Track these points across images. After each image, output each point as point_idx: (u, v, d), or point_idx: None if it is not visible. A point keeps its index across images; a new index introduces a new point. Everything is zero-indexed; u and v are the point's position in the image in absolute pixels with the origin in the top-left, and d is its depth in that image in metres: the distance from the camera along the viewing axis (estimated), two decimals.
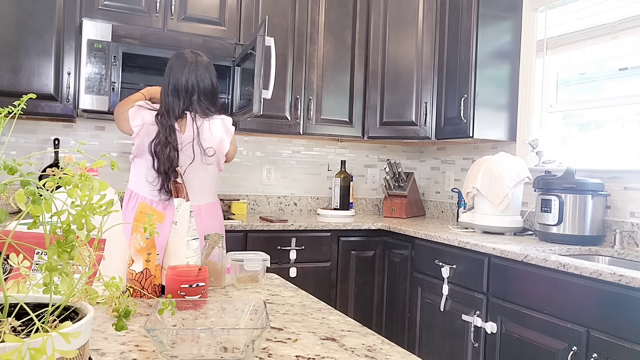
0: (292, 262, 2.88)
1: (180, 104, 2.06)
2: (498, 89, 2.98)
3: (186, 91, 2.06)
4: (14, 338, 0.48)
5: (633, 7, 2.46)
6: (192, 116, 2.06)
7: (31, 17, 2.63)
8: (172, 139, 2.01)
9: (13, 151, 2.96)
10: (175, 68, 2.09)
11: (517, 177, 2.63)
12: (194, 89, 2.07)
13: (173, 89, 2.07)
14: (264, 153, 3.56)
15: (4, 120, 0.63)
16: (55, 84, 2.68)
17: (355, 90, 3.39)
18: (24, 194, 0.55)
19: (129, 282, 1.19)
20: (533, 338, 2.01)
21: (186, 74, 2.07)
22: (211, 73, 2.14)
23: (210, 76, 2.12)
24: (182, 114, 2.06)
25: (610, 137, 2.63)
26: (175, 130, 2.03)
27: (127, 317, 0.69)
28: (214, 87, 2.14)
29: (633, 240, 2.37)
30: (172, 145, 2.00)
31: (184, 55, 2.12)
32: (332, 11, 3.31)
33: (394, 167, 3.51)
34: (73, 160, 0.76)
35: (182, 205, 1.27)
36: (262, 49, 2.46)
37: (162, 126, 2.01)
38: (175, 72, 2.08)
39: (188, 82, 2.06)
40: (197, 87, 2.07)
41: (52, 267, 0.58)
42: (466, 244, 2.38)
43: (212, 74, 2.14)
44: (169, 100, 2.06)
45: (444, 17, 3.16)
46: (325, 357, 0.89)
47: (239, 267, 1.39)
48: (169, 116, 2.03)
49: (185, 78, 2.06)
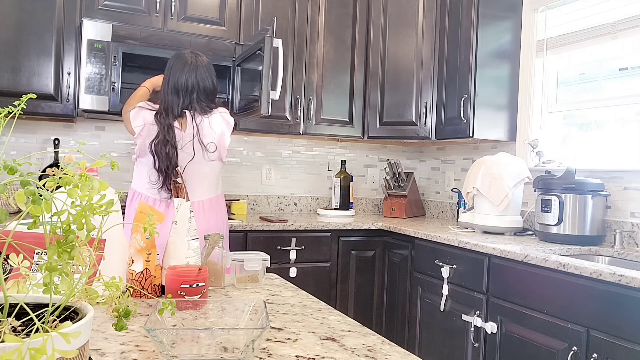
0: (292, 262, 2.88)
1: (179, 103, 2.08)
2: (498, 89, 2.98)
3: (186, 90, 2.09)
4: (14, 338, 0.48)
5: (633, 7, 2.46)
6: (191, 114, 2.08)
7: (31, 17, 2.63)
8: (170, 137, 2.02)
9: (13, 151, 2.96)
10: (175, 68, 2.12)
11: (517, 177, 2.63)
12: (193, 89, 2.10)
13: (173, 88, 2.09)
14: (264, 153, 3.56)
15: (4, 120, 0.63)
16: (55, 84, 2.68)
17: (355, 90, 3.39)
18: (24, 194, 0.55)
19: (129, 282, 1.19)
20: (533, 338, 2.01)
21: (186, 73, 2.10)
22: (211, 73, 2.17)
23: (209, 76, 2.15)
24: (181, 112, 2.08)
25: (610, 137, 2.63)
26: (174, 128, 2.05)
27: (127, 317, 0.69)
28: (214, 86, 2.17)
29: (633, 240, 2.37)
30: (171, 143, 2.02)
31: (184, 56, 2.14)
32: (332, 11, 3.31)
33: (394, 167, 3.51)
34: (73, 160, 0.76)
35: (182, 205, 1.27)
36: (271, 50, 2.47)
37: (161, 125, 2.03)
38: (175, 71, 2.11)
39: (188, 81, 2.09)
40: (196, 86, 2.10)
41: (52, 267, 0.58)
42: (466, 244, 2.38)
43: (211, 74, 2.17)
44: (169, 99, 2.09)
45: (444, 17, 3.16)
46: (325, 357, 0.89)
47: (239, 267, 1.39)
48: (168, 115, 2.05)
49: (185, 78, 2.09)
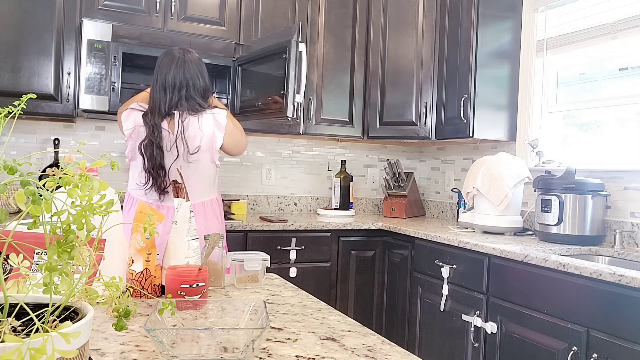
0: (292, 262, 2.88)
1: (166, 100, 2.01)
2: (498, 89, 2.98)
3: (173, 87, 2.01)
4: (14, 338, 0.48)
5: (633, 7, 2.46)
6: (179, 113, 2.01)
7: (31, 17, 2.63)
8: (154, 137, 1.96)
9: (13, 151, 2.96)
10: (163, 65, 2.05)
11: (517, 177, 2.63)
12: (182, 85, 2.02)
13: (160, 86, 2.03)
14: (264, 153, 3.56)
15: (4, 120, 0.63)
16: (55, 84, 2.68)
17: (355, 90, 3.39)
18: (24, 194, 0.55)
19: (129, 282, 1.19)
20: (533, 338, 2.01)
21: (173, 70, 2.03)
22: (201, 69, 2.09)
23: (199, 72, 2.07)
24: (169, 111, 2.01)
25: (610, 137, 2.63)
26: (160, 128, 1.98)
27: (127, 317, 0.69)
28: (204, 83, 2.09)
29: (633, 240, 2.37)
30: (156, 143, 1.96)
31: (172, 52, 2.08)
32: (332, 11, 3.31)
33: (394, 167, 3.51)
34: (73, 160, 0.76)
35: (182, 205, 1.27)
36: (296, 54, 2.47)
37: (147, 124, 1.97)
38: (162, 68, 2.05)
39: (175, 78, 2.02)
40: (184, 83, 2.02)
41: (52, 267, 0.58)
42: (466, 244, 2.38)
43: (202, 71, 2.09)
44: (156, 97, 2.02)
45: (444, 17, 3.16)
46: (325, 357, 0.89)
47: (239, 267, 1.39)
48: (154, 114, 1.99)
49: (172, 74, 2.02)
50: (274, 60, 2.60)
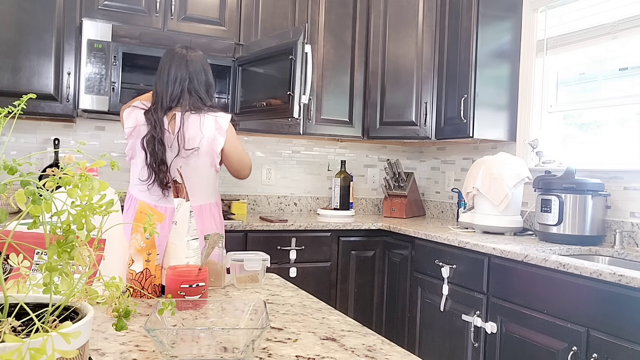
0: (292, 262, 2.88)
1: (169, 92, 2.01)
2: (498, 88, 2.98)
3: (175, 80, 2.02)
4: (14, 338, 0.48)
5: (633, 7, 2.46)
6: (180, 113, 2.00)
7: (31, 17, 2.63)
8: (156, 132, 1.96)
9: (13, 151, 2.96)
10: (166, 62, 2.06)
11: (517, 177, 2.63)
12: (184, 78, 2.03)
13: (164, 80, 2.03)
14: (264, 153, 3.56)
15: (4, 120, 0.63)
16: (55, 84, 2.68)
17: (355, 90, 3.39)
18: (24, 194, 0.55)
19: (129, 282, 1.19)
20: (533, 338, 2.01)
21: (175, 66, 2.04)
22: (204, 66, 2.10)
23: (202, 69, 2.08)
24: (171, 104, 2.01)
25: (610, 137, 2.63)
26: (162, 123, 1.98)
27: (127, 317, 0.69)
28: (207, 80, 2.09)
29: (633, 240, 2.37)
30: (158, 138, 1.96)
31: (174, 50, 2.09)
32: (332, 11, 3.31)
33: (394, 167, 3.51)
34: (73, 160, 0.76)
35: (182, 205, 1.27)
36: (303, 56, 2.49)
37: (148, 120, 1.98)
38: (165, 65, 2.06)
39: (177, 74, 2.03)
40: (186, 78, 2.03)
41: (52, 267, 0.58)
42: (466, 244, 2.38)
43: (204, 67, 2.10)
44: (159, 91, 2.03)
45: (444, 17, 3.16)
46: (325, 357, 0.89)
47: (239, 267, 1.39)
48: (157, 111, 2.00)
49: (174, 71, 2.03)
50: (278, 61, 2.61)
